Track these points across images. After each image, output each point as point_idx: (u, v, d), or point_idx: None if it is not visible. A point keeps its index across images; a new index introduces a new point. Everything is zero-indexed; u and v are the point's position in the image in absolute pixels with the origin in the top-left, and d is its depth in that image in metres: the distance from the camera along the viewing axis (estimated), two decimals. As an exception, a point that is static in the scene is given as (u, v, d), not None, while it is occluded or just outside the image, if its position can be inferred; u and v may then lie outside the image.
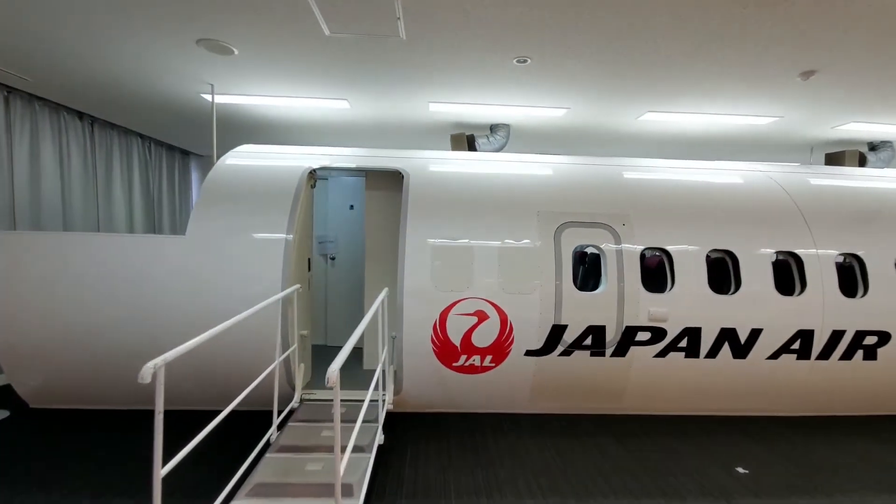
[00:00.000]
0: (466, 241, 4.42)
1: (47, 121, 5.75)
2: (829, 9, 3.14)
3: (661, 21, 3.40)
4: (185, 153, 9.16)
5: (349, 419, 3.05)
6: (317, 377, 5.03)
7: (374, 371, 3.49)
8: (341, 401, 2.41)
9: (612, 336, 4.46)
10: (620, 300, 4.44)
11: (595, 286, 4.54)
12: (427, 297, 4.31)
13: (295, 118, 6.06)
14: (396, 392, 4.51)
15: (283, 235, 4.29)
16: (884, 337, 4.63)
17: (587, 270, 6.10)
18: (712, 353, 4.56)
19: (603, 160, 5.23)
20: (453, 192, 4.66)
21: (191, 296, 4.16)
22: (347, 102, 5.33)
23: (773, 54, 3.86)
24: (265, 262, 4.23)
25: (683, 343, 4.52)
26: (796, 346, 4.59)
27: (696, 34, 3.55)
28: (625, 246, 4.52)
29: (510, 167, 4.97)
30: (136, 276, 4.19)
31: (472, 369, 4.46)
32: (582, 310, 4.43)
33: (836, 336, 4.59)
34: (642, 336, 4.48)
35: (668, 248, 4.58)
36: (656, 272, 4.77)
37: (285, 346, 4.17)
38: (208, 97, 5.19)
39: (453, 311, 4.32)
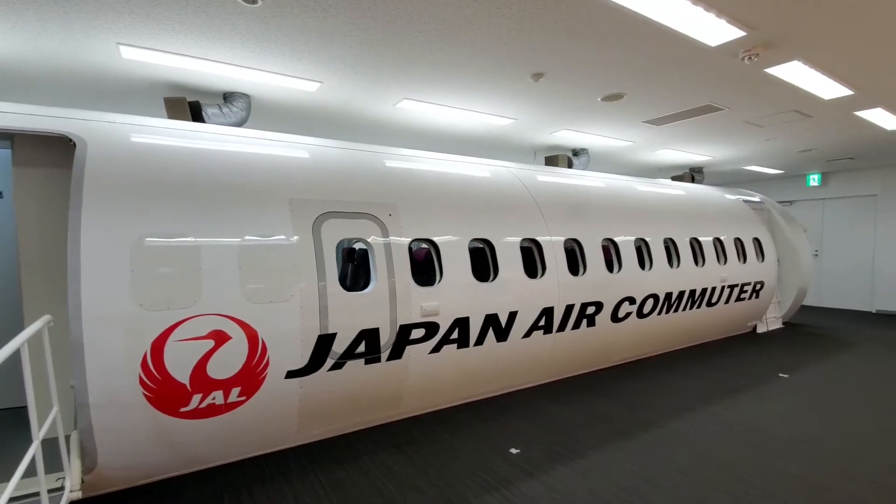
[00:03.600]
0: (190, 238, 3.22)
1: None
2: (555, 14, 3.39)
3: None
4: None
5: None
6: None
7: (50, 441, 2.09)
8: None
9: (386, 338, 3.99)
10: (392, 297, 4.01)
11: (366, 285, 4.00)
12: (126, 321, 2.95)
13: None
14: (88, 468, 2.99)
15: None
16: (598, 306, 5.58)
17: (356, 269, 5.55)
18: (480, 339, 4.60)
19: (364, 146, 4.73)
20: (169, 172, 3.37)
21: None
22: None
23: (509, 53, 4.06)
24: None
25: (455, 334, 4.41)
26: (542, 322, 5.07)
27: (452, 16, 3.39)
28: (392, 238, 4.12)
29: (252, 145, 3.95)
30: None
31: (212, 410, 3.30)
32: (352, 313, 3.81)
33: (568, 310, 5.28)
34: (416, 333, 4.16)
35: (435, 238, 4.40)
36: (422, 265, 4.55)
37: None
38: None
39: (174, 336, 3.08)
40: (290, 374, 3.56)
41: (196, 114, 4.61)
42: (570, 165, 7.68)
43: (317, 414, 3.85)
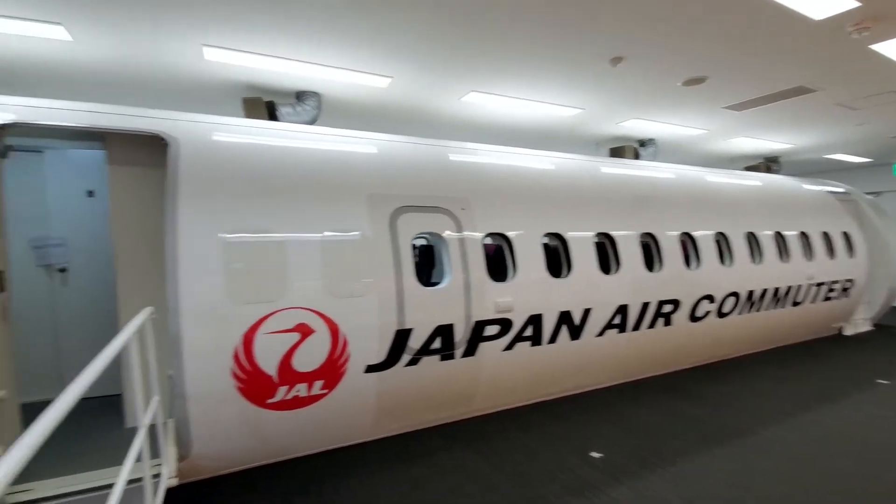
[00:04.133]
0: (277, 234, 3.27)
1: None
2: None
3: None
4: None
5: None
6: (43, 458, 3.16)
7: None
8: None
9: (461, 335, 3.92)
10: (467, 293, 3.93)
11: (429, 280, 3.95)
12: (220, 315, 3.03)
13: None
14: (182, 456, 3.10)
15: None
16: (676, 304, 5.27)
17: (418, 265, 5.52)
18: (553, 337, 4.45)
19: (434, 141, 4.68)
20: (254, 170, 3.44)
21: None
22: (65, 30, 3.49)
23: (589, 37, 3.87)
24: None
25: (529, 332, 4.28)
26: (617, 320, 4.84)
27: (521, 6, 3.25)
28: (466, 233, 4.04)
29: (329, 142, 3.98)
30: None
31: (296, 402, 3.35)
32: (427, 309, 3.76)
33: (644, 308, 5.01)
34: (491, 330, 4.07)
35: (508, 233, 4.28)
36: (494, 260, 4.45)
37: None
38: None
39: (263, 328, 3.14)
40: (370, 369, 3.55)
41: (271, 113, 4.72)
42: (636, 157, 7.32)
43: (393, 409, 3.83)
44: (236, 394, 3.12)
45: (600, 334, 4.76)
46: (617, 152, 7.38)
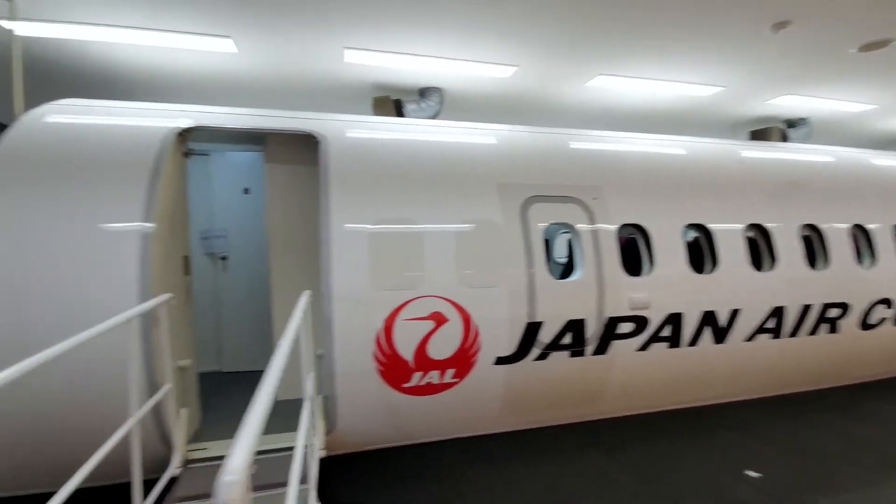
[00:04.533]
0: (415, 224, 3.37)
1: None
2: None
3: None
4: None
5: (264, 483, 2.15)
6: (210, 422, 3.62)
7: (290, 403, 2.34)
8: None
9: (592, 331, 3.72)
10: (600, 287, 3.72)
11: (557, 272, 3.79)
12: (366, 300, 3.19)
13: (155, 67, 4.45)
14: (328, 430, 3.32)
15: (138, 224, 2.85)
16: (844, 308, 4.51)
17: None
18: (694, 339, 4.04)
19: (561, 130, 4.50)
20: (392, 164, 3.58)
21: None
22: (233, 42, 3.94)
23: (751, 0, 3.41)
24: (109, 262, 2.78)
25: (666, 332, 3.94)
26: (770, 324, 4.26)
27: None
28: (599, 224, 3.82)
29: (458, 135, 4.01)
30: None
31: (429, 389, 3.43)
32: (558, 302, 3.62)
33: (804, 311, 4.35)
34: (624, 328, 3.81)
35: (644, 223, 3.97)
36: (628, 252, 4.15)
37: (153, 387, 2.77)
38: (6, 25, 3.44)
39: (402, 314, 3.24)
40: (499, 361, 3.52)
41: (398, 110, 4.90)
42: (783, 139, 6.42)
43: (520, 403, 3.76)
44: (377, 376, 3.27)
45: (750, 339, 4.23)
46: (759, 135, 6.54)
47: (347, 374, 3.21)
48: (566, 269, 3.83)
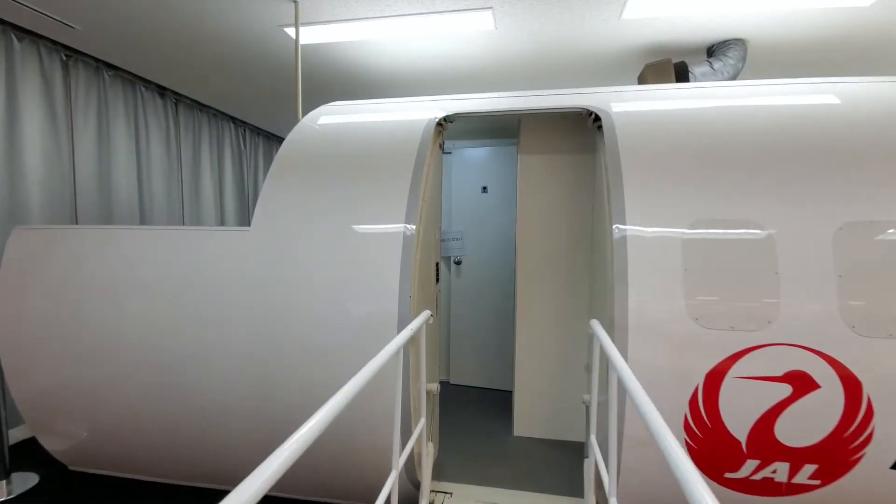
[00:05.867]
0: (761, 227, 2.18)
1: (120, 95, 4.66)
2: None
3: None
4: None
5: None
6: (446, 452, 3.15)
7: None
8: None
9: None
10: None
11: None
12: (678, 338, 2.16)
13: (409, 63, 4.26)
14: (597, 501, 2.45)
15: (401, 226, 2.43)
16: None
17: None
18: None
19: None
20: (715, 141, 2.44)
21: (261, 324, 2.48)
22: (492, 15, 3.36)
23: None
24: (372, 269, 2.41)
25: None
26: None
27: None
28: None
29: (784, 98, 2.59)
30: (190, 284, 2.61)
31: (768, 487, 2.20)
32: None
33: None
34: None
35: None
36: None
37: (405, 413, 2.31)
38: (290, 31, 3.58)
39: (735, 369, 2.11)
40: (908, 466, 2.05)
41: (680, 76, 3.70)
42: None
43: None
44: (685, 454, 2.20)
45: None
46: None
47: (639, 442, 2.24)
48: None
